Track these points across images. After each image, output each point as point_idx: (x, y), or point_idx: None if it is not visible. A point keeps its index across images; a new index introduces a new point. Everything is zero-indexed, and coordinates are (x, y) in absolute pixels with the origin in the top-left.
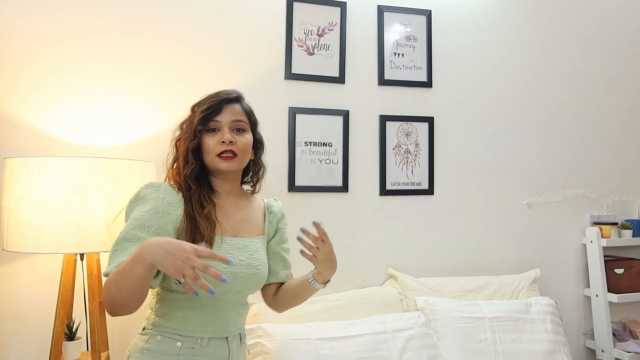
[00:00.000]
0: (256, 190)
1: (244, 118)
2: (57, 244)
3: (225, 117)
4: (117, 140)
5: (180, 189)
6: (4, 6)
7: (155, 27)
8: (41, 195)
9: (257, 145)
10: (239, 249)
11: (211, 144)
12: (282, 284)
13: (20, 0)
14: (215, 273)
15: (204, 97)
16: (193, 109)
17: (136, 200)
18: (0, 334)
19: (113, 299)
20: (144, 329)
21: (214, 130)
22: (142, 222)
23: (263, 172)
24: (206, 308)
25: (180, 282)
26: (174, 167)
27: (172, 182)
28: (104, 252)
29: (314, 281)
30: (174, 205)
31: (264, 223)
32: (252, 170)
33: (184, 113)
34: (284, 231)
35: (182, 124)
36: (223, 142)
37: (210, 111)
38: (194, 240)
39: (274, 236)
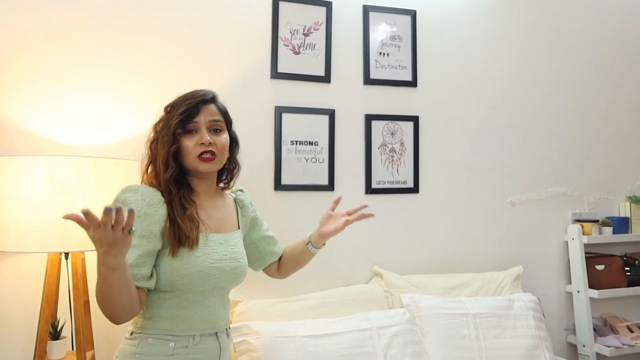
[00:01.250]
0: (230, 187)
1: (220, 118)
2: (41, 243)
3: (203, 118)
4: (102, 139)
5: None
6: None
7: (141, 26)
8: (26, 194)
9: (233, 144)
10: (221, 244)
11: (190, 145)
12: (280, 257)
13: None
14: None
15: (178, 98)
16: (167, 110)
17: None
18: None
19: (110, 313)
20: (131, 333)
21: (191, 132)
22: None
23: (238, 170)
24: (194, 306)
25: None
26: (149, 171)
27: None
28: (89, 251)
29: (313, 248)
30: (155, 206)
31: (237, 217)
32: (228, 169)
33: None
34: (258, 215)
35: (156, 125)
36: (202, 143)
37: (187, 113)
38: (179, 242)
39: (253, 225)
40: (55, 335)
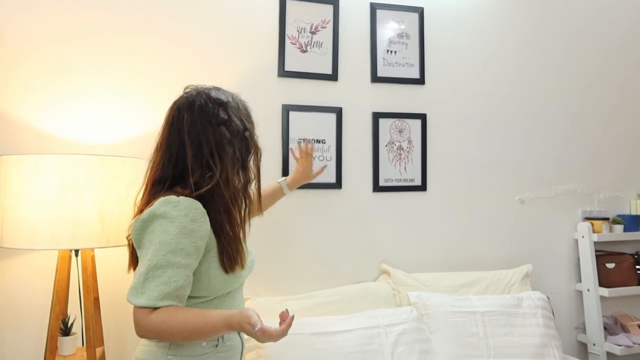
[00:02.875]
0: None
1: None
2: (51, 240)
3: None
4: (110, 137)
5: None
6: None
7: (149, 25)
8: (36, 192)
9: None
10: None
11: None
12: None
13: None
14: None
15: (248, 110)
16: (249, 120)
17: (153, 219)
18: None
19: (168, 339)
20: None
21: None
22: (173, 247)
23: None
24: (223, 305)
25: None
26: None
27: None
28: (99, 248)
29: (287, 190)
30: (198, 221)
31: None
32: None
33: None
34: None
35: (244, 133)
36: None
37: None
38: (239, 264)
39: None
40: (66, 331)
